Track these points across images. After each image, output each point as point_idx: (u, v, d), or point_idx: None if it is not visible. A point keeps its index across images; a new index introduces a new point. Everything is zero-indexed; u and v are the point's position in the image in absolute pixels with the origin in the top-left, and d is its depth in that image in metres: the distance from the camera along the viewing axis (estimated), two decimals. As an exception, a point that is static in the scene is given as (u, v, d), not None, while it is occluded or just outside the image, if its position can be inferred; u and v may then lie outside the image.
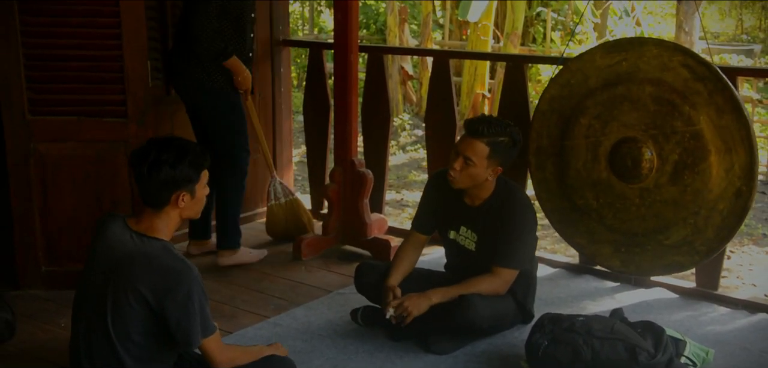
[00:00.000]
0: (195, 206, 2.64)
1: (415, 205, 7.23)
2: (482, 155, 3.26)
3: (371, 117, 4.97)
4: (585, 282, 4.17)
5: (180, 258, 2.54)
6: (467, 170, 3.29)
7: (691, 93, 3.43)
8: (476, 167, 3.28)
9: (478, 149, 3.26)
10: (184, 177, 2.56)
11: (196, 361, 2.80)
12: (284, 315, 3.74)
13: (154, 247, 2.54)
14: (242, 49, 4.13)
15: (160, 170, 2.52)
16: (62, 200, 3.91)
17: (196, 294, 2.50)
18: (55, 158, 3.86)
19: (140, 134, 3.83)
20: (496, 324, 3.41)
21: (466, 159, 3.27)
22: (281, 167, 5.28)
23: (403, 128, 10.91)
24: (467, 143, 3.29)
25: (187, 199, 2.59)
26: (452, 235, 3.51)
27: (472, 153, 3.26)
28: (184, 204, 2.59)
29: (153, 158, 2.52)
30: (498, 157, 3.29)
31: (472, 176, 3.30)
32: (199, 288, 2.53)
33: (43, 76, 3.78)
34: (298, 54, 13.25)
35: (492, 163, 3.29)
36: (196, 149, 2.61)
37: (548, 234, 6.34)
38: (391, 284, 3.40)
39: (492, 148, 3.26)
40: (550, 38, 12.13)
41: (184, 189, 2.57)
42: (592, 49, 3.79)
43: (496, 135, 3.27)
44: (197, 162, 2.60)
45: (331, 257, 4.55)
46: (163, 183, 2.53)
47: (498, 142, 3.27)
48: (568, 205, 3.83)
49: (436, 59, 4.77)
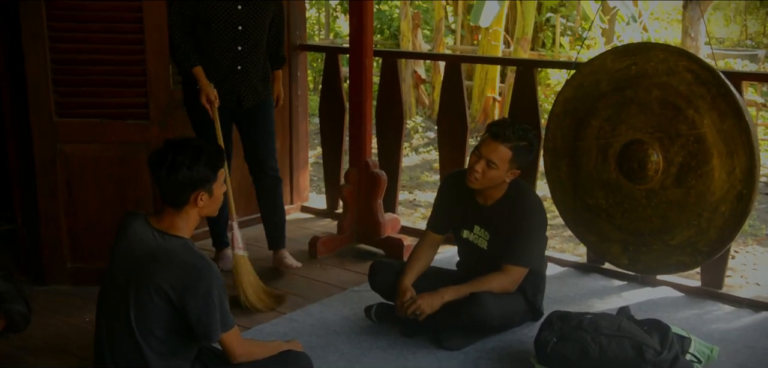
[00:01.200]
0: (213, 204, 2.65)
1: (428, 205, 7.23)
2: (505, 158, 3.25)
3: (385, 120, 4.97)
4: (593, 281, 4.16)
5: (200, 255, 2.55)
6: (489, 173, 3.27)
7: (695, 97, 3.41)
8: (498, 170, 3.26)
9: (501, 153, 3.24)
10: (202, 177, 2.56)
11: (214, 355, 2.81)
12: (300, 311, 3.74)
13: (175, 245, 2.55)
14: (213, 62, 3.86)
15: (178, 171, 2.52)
16: (87, 199, 3.93)
17: (215, 290, 2.50)
18: (80, 158, 3.88)
19: (162, 136, 3.83)
20: (506, 321, 3.40)
21: (489, 162, 3.25)
22: (297, 168, 5.30)
23: (416, 131, 10.90)
24: (491, 147, 3.26)
25: (206, 198, 2.60)
26: (466, 234, 3.50)
27: (496, 157, 3.24)
28: (203, 203, 2.60)
29: (170, 161, 2.53)
30: (518, 161, 3.29)
31: (493, 178, 3.29)
32: (219, 284, 2.53)
33: (69, 79, 3.80)
34: (314, 58, 13.26)
35: (512, 166, 3.29)
36: (211, 150, 2.62)
37: (557, 234, 6.32)
38: (405, 285, 3.40)
39: (515, 152, 3.25)
40: (559, 43, 12.09)
41: (202, 189, 2.58)
42: (604, 54, 3.77)
43: (519, 140, 3.26)
44: (213, 162, 2.60)
45: (346, 255, 4.55)
46: (181, 184, 2.54)
47: (520, 147, 3.27)
48: (580, 204, 3.82)
49: (448, 63, 4.77)
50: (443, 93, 4.78)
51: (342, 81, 5.21)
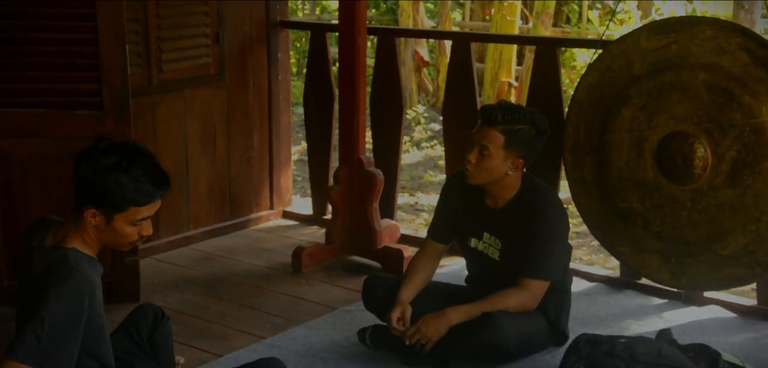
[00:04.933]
0: (113, 236, 2.52)
1: (431, 209, 7.21)
2: (498, 144, 3.28)
3: (381, 109, 4.96)
4: (627, 298, 4.15)
5: (69, 268, 2.40)
6: (483, 163, 3.30)
7: (751, 81, 3.41)
8: (492, 158, 3.29)
9: (492, 138, 3.28)
10: (108, 192, 2.43)
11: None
12: (282, 336, 3.73)
13: (54, 257, 2.44)
14: None
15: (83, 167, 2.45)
16: (29, 205, 3.90)
17: (52, 312, 2.32)
18: (20, 156, 3.86)
19: (118, 129, 3.83)
20: (524, 345, 3.39)
21: (482, 149, 3.29)
22: (278, 166, 5.29)
23: (418, 122, 10.91)
24: (482, 131, 3.31)
25: (99, 221, 2.47)
26: (474, 243, 3.49)
27: (488, 142, 3.28)
28: (96, 222, 2.48)
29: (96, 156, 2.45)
30: (517, 148, 3.29)
31: (489, 169, 3.31)
32: (68, 311, 2.35)
33: (6, 62, 3.77)
34: (297, 37, 13.26)
35: (510, 154, 3.29)
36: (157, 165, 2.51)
37: (584, 243, 6.32)
38: (402, 299, 3.40)
39: (508, 136, 3.27)
40: (586, 18, 12.09)
41: (97, 207, 2.46)
42: (637, 31, 3.77)
43: (512, 122, 3.28)
44: (160, 180, 2.49)
45: (336, 269, 4.55)
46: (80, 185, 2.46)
47: (515, 130, 3.28)
48: (609, 209, 3.81)
49: (456, 43, 4.76)
50: (450, 78, 4.77)
51: (330, 64, 5.20)
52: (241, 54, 4.97)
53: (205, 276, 4.45)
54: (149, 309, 3.01)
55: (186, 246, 4.82)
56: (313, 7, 16.27)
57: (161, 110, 4.62)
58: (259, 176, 5.20)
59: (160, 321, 2.99)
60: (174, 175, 4.67)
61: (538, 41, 5.02)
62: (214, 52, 4.80)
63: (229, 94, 4.94)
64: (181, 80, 4.69)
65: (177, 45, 4.62)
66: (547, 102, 4.21)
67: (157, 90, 4.57)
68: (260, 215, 5.24)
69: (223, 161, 4.98)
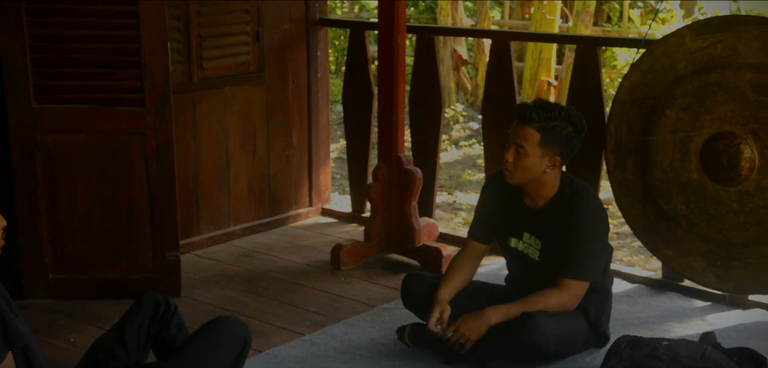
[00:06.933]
0: None
1: (470, 208, 7.20)
2: (533, 142, 3.27)
3: (420, 108, 4.95)
4: (669, 301, 4.10)
5: None
6: (520, 162, 3.30)
7: (799, 81, 3.36)
8: (529, 157, 3.28)
9: (528, 136, 3.27)
10: None
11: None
12: (321, 333, 3.74)
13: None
14: None
15: None
16: (72, 199, 3.97)
17: None
18: (64, 152, 3.91)
19: (160, 126, 3.87)
20: (564, 346, 3.37)
21: (518, 148, 3.29)
22: (317, 164, 5.31)
23: (457, 121, 10.87)
24: (518, 130, 3.31)
25: None
26: (513, 243, 3.48)
27: (523, 140, 3.28)
28: None
29: None
30: (553, 145, 3.28)
31: (527, 167, 3.30)
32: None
33: (50, 59, 3.83)
34: (336, 35, 13.27)
35: (547, 152, 3.28)
36: None
37: (625, 244, 6.26)
38: (441, 298, 3.40)
39: (544, 134, 3.26)
40: (627, 17, 11.97)
41: None
42: (681, 30, 3.73)
43: (548, 120, 3.27)
44: None
45: (375, 267, 4.55)
46: None
47: (551, 127, 3.27)
48: (653, 210, 3.77)
49: (495, 42, 4.75)
50: (489, 76, 4.75)
51: (369, 62, 5.21)
52: (281, 52, 5.00)
53: (244, 272, 4.48)
54: (149, 301, 2.99)
55: (226, 243, 4.85)
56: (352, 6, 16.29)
57: (202, 108, 4.66)
58: (299, 173, 5.22)
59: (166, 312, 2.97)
60: (214, 172, 4.74)
61: (579, 40, 4.98)
62: (254, 50, 4.83)
63: (268, 91, 4.96)
64: (222, 78, 4.73)
65: (217, 43, 4.66)
66: (588, 102, 4.19)
67: (197, 87, 4.61)
68: (299, 213, 5.26)
69: (263, 158, 5.01)
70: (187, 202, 4.61)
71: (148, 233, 4.00)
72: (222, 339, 2.90)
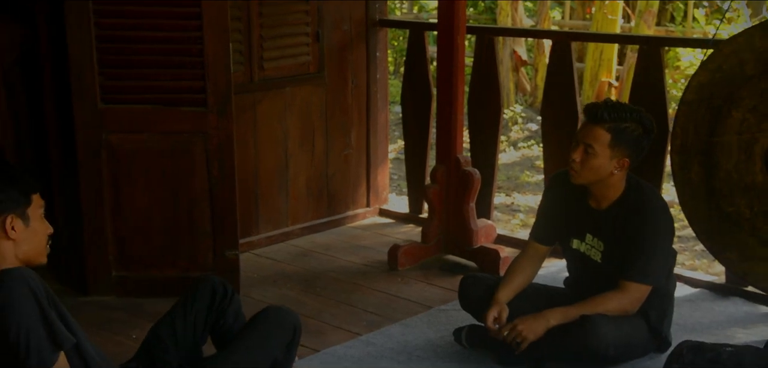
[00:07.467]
0: (33, 239, 2.51)
1: (528, 210, 7.16)
2: (603, 142, 3.23)
3: (479, 109, 4.94)
4: (733, 306, 4.03)
5: (5, 289, 2.36)
6: (588, 162, 3.26)
7: None
8: (598, 157, 3.25)
9: (598, 136, 3.24)
10: (7, 198, 2.43)
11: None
12: (378, 333, 3.76)
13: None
14: None
15: None
16: (135, 198, 4.04)
17: (23, 326, 2.34)
18: (128, 151, 3.99)
19: (221, 125, 3.92)
20: (624, 351, 3.33)
21: (587, 148, 3.25)
22: (375, 164, 5.33)
23: (515, 122, 10.81)
24: (587, 130, 3.28)
25: (19, 227, 2.46)
26: (576, 244, 3.45)
27: (593, 140, 3.24)
28: (17, 234, 2.46)
29: None
30: (623, 147, 3.24)
31: (594, 168, 3.26)
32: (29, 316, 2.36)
33: (116, 60, 3.91)
34: (395, 36, 13.30)
35: (616, 153, 3.25)
36: (16, 169, 2.52)
37: (687, 248, 6.16)
38: (500, 299, 3.39)
39: (614, 135, 3.23)
40: (692, 16, 11.78)
41: (12, 212, 2.44)
42: (750, 29, 3.68)
43: (619, 120, 3.24)
44: (20, 183, 2.48)
45: (432, 268, 4.55)
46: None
47: (621, 128, 3.24)
48: (716, 213, 3.71)
49: (556, 42, 4.73)
50: (549, 78, 4.73)
51: (428, 63, 5.22)
52: (341, 52, 5.03)
53: (302, 271, 4.52)
54: (206, 289, 2.98)
55: (284, 242, 4.90)
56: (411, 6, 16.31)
57: (262, 108, 4.72)
58: (357, 173, 5.25)
59: (223, 300, 2.98)
60: (273, 171, 4.79)
61: (642, 40, 4.92)
62: (314, 50, 4.87)
63: (328, 92, 5.00)
64: (282, 78, 4.78)
65: (278, 43, 4.71)
66: (650, 103, 4.12)
67: (258, 88, 4.66)
68: (357, 213, 5.28)
69: (322, 158, 5.05)
70: (247, 201, 4.67)
71: (209, 231, 4.06)
72: (272, 328, 2.93)
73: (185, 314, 2.95)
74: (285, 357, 2.95)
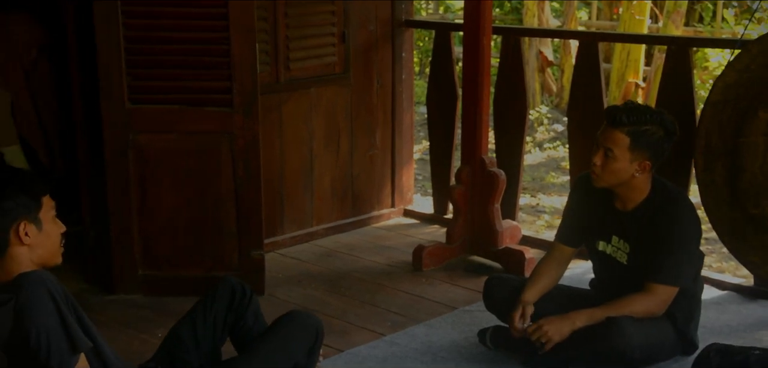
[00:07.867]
0: (46, 242, 2.51)
1: (553, 211, 7.14)
2: (623, 146, 3.23)
3: (504, 109, 4.94)
4: (762, 309, 4.00)
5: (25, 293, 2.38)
6: (609, 165, 3.26)
7: None
8: (618, 160, 3.24)
9: (617, 139, 3.23)
10: (18, 204, 2.44)
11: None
12: (402, 334, 3.76)
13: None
14: None
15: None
16: (161, 197, 4.07)
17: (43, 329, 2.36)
18: (154, 151, 4.02)
19: (247, 125, 3.94)
20: (650, 353, 3.32)
21: (606, 151, 3.25)
22: (400, 165, 5.34)
23: (541, 123, 10.78)
24: (607, 133, 3.27)
25: (33, 231, 2.47)
26: (602, 246, 3.44)
27: (612, 144, 3.24)
28: (31, 239, 2.47)
29: None
30: (644, 149, 3.23)
31: (615, 171, 3.26)
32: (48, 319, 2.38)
33: (143, 60, 3.94)
34: (421, 36, 13.30)
35: (636, 156, 3.23)
36: (25, 175, 2.53)
37: (715, 250, 6.11)
38: (526, 299, 3.39)
39: (634, 138, 3.22)
40: (721, 17, 11.68)
41: (24, 218, 2.45)
42: (778, 29, 3.63)
43: (638, 123, 3.22)
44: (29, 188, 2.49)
45: (457, 268, 4.55)
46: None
47: (641, 131, 3.22)
48: (740, 215, 3.68)
49: (582, 43, 4.71)
50: (576, 78, 4.72)
51: (454, 63, 5.21)
52: (366, 53, 5.04)
53: (327, 271, 4.53)
54: (225, 290, 3.00)
55: (309, 242, 4.92)
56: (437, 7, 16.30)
57: (288, 108, 4.73)
58: (382, 174, 5.26)
59: (242, 300, 2.99)
60: (298, 172, 4.80)
61: (670, 41, 4.89)
62: (339, 50, 4.88)
63: (353, 92, 5.01)
64: (308, 78, 4.79)
65: (304, 44, 4.73)
66: (678, 104, 4.11)
67: (284, 88, 4.68)
68: (382, 213, 5.29)
69: (347, 158, 5.06)
70: (272, 201, 4.69)
71: (234, 231, 4.08)
72: (294, 332, 2.94)
73: (205, 314, 2.97)
74: (307, 361, 2.96)
